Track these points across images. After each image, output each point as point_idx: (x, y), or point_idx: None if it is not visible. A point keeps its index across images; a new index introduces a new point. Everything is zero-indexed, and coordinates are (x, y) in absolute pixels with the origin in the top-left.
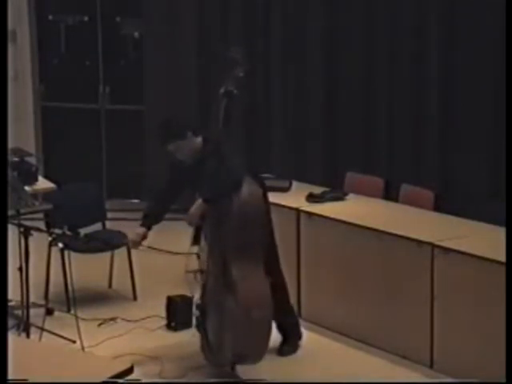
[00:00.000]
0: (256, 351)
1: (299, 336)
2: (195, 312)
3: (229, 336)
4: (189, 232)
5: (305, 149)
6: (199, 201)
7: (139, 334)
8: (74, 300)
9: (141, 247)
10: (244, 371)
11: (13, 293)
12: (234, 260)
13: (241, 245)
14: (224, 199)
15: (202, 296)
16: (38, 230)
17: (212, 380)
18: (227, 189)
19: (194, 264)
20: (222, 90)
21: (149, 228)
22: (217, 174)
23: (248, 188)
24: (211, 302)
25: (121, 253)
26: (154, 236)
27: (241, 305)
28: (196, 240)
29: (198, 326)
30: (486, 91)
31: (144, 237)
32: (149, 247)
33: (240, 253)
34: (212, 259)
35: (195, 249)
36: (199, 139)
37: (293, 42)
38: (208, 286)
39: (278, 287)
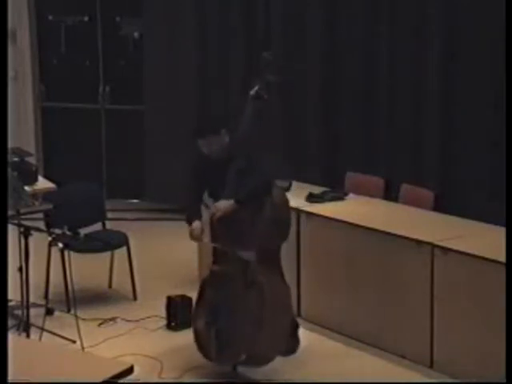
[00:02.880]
0: (268, 354)
1: (297, 338)
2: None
3: (249, 334)
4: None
5: (305, 149)
6: (231, 201)
7: (139, 334)
8: (74, 300)
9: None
10: (244, 371)
11: (13, 293)
12: (258, 262)
13: (267, 247)
14: (256, 201)
15: (203, 290)
16: (38, 230)
17: (212, 380)
18: (260, 191)
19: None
20: (252, 92)
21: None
22: (249, 176)
23: (278, 191)
24: (225, 298)
25: (121, 253)
26: (154, 236)
27: (268, 306)
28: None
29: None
30: (486, 91)
31: (202, 229)
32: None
33: (265, 255)
34: (232, 258)
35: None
36: (228, 138)
37: (293, 42)
38: (215, 282)
39: None
